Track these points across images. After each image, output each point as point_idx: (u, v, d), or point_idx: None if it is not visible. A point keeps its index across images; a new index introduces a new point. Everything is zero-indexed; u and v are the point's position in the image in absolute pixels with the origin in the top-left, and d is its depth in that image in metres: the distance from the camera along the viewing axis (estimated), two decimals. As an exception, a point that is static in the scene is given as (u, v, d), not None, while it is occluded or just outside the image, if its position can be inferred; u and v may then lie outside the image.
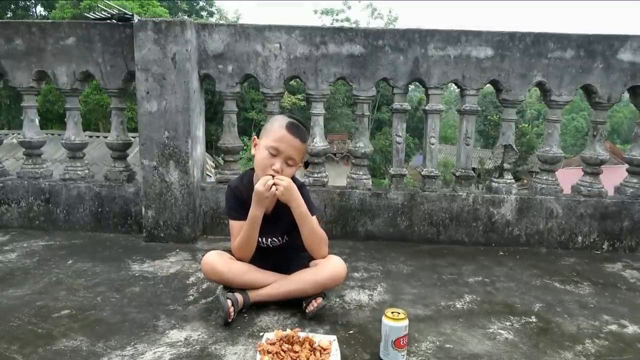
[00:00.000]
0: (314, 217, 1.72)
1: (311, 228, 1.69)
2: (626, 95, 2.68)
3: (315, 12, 30.13)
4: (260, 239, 1.73)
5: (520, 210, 2.62)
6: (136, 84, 2.48)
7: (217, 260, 1.68)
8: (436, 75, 2.56)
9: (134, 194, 2.69)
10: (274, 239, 1.77)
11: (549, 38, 2.50)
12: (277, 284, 1.71)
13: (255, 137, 1.73)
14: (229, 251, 1.76)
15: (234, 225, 1.73)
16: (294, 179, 1.77)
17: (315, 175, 2.75)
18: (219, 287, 1.66)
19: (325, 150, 2.73)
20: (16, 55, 2.62)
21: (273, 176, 1.61)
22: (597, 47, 2.51)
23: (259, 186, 1.60)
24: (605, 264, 2.42)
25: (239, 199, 1.73)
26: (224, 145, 2.73)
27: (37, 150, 2.85)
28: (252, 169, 1.75)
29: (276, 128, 1.64)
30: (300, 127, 1.67)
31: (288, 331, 1.43)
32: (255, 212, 1.64)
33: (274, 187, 1.59)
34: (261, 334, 1.52)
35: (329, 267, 1.68)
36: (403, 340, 1.36)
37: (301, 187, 1.74)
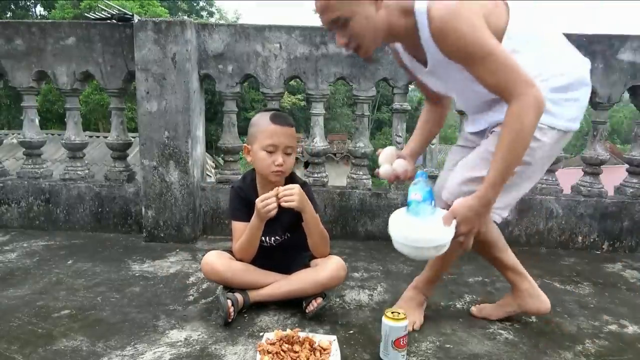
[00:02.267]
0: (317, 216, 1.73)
1: (319, 229, 1.70)
2: (626, 95, 2.68)
3: (315, 11, 30.12)
4: (262, 238, 1.73)
5: (520, 210, 2.62)
6: (136, 84, 2.48)
7: (216, 261, 1.68)
8: (436, 75, 2.56)
9: (134, 194, 2.69)
10: (276, 237, 1.77)
11: (549, 38, 2.50)
12: (277, 284, 1.71)
13: (246, 145, 1.73)
14: (229, 251, 1.76)
15: (237, 226, 1.73)
16: (296, 177, 1.78)
17: (315, 175, 2.75)
18: (219, 287, 1.66)
19: (325, 150, 2.73)
20: (16, 55, 2.62)
21: (277, 193, 1.59)
22: (597, 47, 2.51)
23: (259, 203, 1.58)
24: (605, 264, 2.42)
25: (243, 199, 1.73)
26: (224, 145, 2.74)
27: (37, 150, 2.86)
28: (254, 169, 1.75)
29: (264, 126, 1.64)
30: (284, 115, 1.69)
31: (288, 331, 1.42)
32: (257, 222, 1.64)
33: (273, 211, 1.58)
34: (261, 334, 1.52)
35: (329, 267, 1.68)
36: (403, 340, 1.36)
37: (304, 185, 1.75)
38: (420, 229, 1.32)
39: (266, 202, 1.58)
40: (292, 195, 1.58)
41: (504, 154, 1.25)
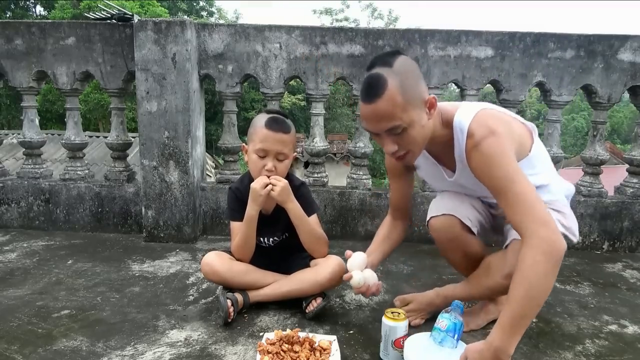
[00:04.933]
0: (315, 216, 1.73)
1: (308, 228, 1.69)
2: (626, 95, 2.68)
3: (314, 11, 30.06)
4: (261, 239, 1.74)
5: (520, 210, 2.62)
6: (136, 84, 2.48)
7: (216, 261, 1.68)
8: (436, 75, 2.56)
9: (134, 194, 2.69)
10: (274, 237, 1.77)
11: (549, 38, 2.50)
12: (277, 284, 1.71)
13: (244, 144, 1.75)
14: (229, 251, 1.76)
15: (234, 226, 1.74)
16: (293, 178, 1.78)
17: (315, 175, 2.75)
18: (219, 287, 1.66)
19: (325, 150, 2.73)
20: (16, 55, 2.62)
21: (269, 176, 1.62)
22: (597, 47, 2.51)
23: (254, 184, 1.62)
24: (605, 264, 2.42)
25: (240, 200, 1.73)
26: (224, 145, 2.74)
27: (37, 150, 2.85)
28: None
29: (258, 129, 1.63)
30: (280, 120, 1.65)
31: (288, 331, 1.43)
32: (251, 211, 1.64)
33: (269, 187, 1.60)
34: (261, 334, 1.52)
35: (329, 267, 1.68)
36: (403, 340, 1.36)
37: (301, 185, 1.74)
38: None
39: (262, 178, 1.61)
40: (276, 185, 1.60)
41: (517, 304, 1.14)
